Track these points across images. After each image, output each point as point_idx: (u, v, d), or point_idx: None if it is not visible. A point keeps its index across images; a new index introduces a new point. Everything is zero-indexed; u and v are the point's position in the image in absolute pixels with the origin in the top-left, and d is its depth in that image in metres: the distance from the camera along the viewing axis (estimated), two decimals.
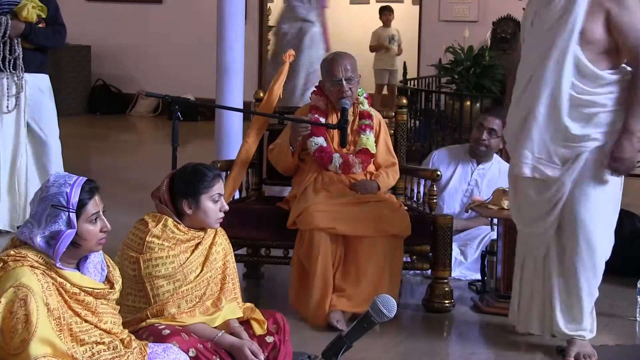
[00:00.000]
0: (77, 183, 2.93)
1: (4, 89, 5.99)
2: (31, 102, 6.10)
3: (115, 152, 10.48)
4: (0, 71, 5.93)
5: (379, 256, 4.67)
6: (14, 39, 5.90)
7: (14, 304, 2.78)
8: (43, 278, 2.84)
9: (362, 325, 2.83)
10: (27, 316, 2.77)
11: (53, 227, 2.87)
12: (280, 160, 5.01)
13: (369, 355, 4.29)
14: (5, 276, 2.82)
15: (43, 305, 2.80)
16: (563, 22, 4.02)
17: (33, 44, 6.01)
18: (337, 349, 2.79)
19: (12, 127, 6.08)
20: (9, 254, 2.87)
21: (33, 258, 2.86)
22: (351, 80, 4.92)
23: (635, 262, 5.60)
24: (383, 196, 4.87)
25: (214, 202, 3.58)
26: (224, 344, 3.48)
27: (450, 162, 5.92)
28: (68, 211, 2.88)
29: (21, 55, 5.94)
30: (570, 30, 4.00)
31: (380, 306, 2.81)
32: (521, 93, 4.18)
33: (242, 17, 6.77)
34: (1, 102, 6.00)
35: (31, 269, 2.83)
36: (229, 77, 6.57)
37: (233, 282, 3.65)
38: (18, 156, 6.12)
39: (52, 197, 2.89)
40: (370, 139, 4.98)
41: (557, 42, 4.02)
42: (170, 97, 4.73)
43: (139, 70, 13.10)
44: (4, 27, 5.85)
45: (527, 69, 4.16)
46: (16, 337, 2.77)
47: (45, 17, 6.02)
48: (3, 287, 2.80)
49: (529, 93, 4.12)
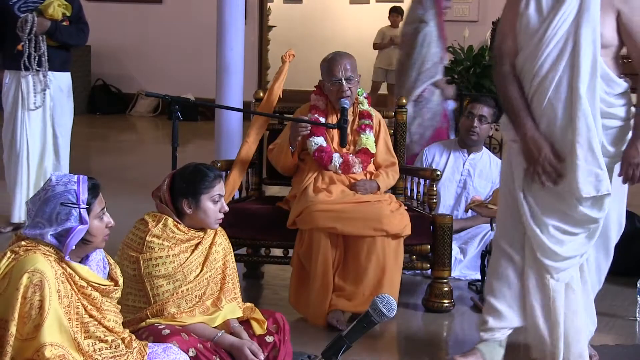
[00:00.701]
0: (82, 180, 2.95)
1: (29, 86, 6.05)
2: (52, 100, 6.16)
3: (115, 152, 10.49)
4: (26, 69, 5.98)
5: (379, 256, 4.67)
6: (39, 36, 5.95)
7: (28, 290, 2.79)
8: (56, 265, 2.87)
9: (362, 325, 2.82)
10: (41, 302, 2.79)
11: (65, 225, 2.89)
12: (279, 160, 5.01)
13: (369, 355, 4.29)
14: (19, 263, 2.84)
15: (55, 291, 2.82)
16: (583, 20, 3.72)
17: (57, 42, 6.07)
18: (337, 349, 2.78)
19: (39, 124, 6.15)
20: (20, 245, 2.89)
21: (45, 247, 2.89)
22: (351, 79, 4.92)
23: (635, 262, 5.60)
24: (383, 196, 4.87)
25: (214, 202, 3.59)
26: (224, 344, 3.48)
27: (442, 153, 6.00)
28: (79, 208, 2.90)
29: (46, 53, 6.00)
30: (593, 30, 3.72)
31: (380, 306, 2.80)
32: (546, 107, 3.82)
33: (242, 17, 6.78)
34: (28, 99, 6.06)
35: (44, 256, 2.86)
36: (229, 77, 6.57)
37: (233, 282, 3.65)
38: (45, 154, 6.19)
39: (60, 196, 2.91)
40: (370, 138, 4.98)
41: (583, 47, 3.70)
42: (170, 97, 4.73)
43: (139, 70, 13.11)
44: (30, 24, 5.90)
45: (542, 70, 3.79)
46: (29, 322, 2.79)
47: (70, 16, 6.07)
48: (17, 273, 2.82)
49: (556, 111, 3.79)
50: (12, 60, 6.02)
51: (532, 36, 3.80)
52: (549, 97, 3.77)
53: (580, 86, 3.71)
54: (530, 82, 3.83)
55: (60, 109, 6.21)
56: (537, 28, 3.79)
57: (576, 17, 3.71)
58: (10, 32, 5.96)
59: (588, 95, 3.72)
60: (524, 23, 3.83)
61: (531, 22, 3.81)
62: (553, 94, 3.77)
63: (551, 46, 3.74)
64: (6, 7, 5.97)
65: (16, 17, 5.92)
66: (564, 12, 3.72)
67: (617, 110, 3.82)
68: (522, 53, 3.86)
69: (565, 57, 3.73)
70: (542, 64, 3.77)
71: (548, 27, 3.75)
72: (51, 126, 6.17)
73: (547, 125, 3.82)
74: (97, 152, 10.64)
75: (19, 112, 6.07)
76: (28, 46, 5.94)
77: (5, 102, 6.11)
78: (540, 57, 3.76)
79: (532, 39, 3.81)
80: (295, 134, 4.89)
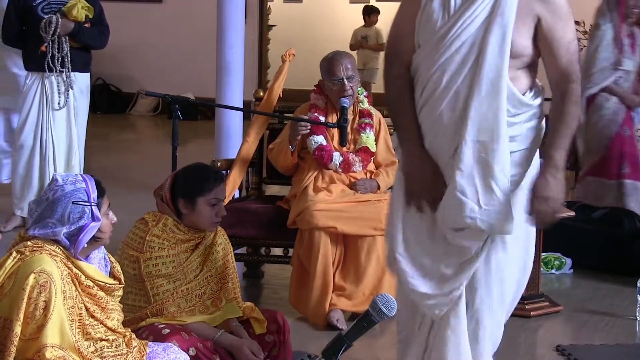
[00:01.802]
0: (89, 179, 2.97)
1: (53, 87, 6.08)
2: (75, 100, 6.20)
3: (115, 151, 10.48)
4: (50, 69, 6.01)
5: (379, 255, 4.67)
6: (62, 37, 5.98)
7: (33, 290, 2.79)
8: (62, 266, 2.87)
9: (362, 324, 2.82)
10: (46, 303, 2.79)
11: (80, 223, 2.89)
12: (279, 160, 5.01)
13: (368, 354, 4.29)
14: (25, 264, 2.84)
15: (61, 292, 2.82)
16: (493, 25, 3.03)
17: (79, 43, 6.12)
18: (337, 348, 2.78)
19: (63, 124, 6.17)
20: (25, 245, 2.89)
21: (50, 247, 2.89)
22: (352, 78, 4.92)
23: (635, 262, 5.60)
24: (383, 195, 4.87)
25: (211, 205, 3.57)
26: (224, 343, 3.48)
27: None
28: (91, 205, 2.91)
29: (69, 54, 6.03)
30: (503, 38, 3.03)
31: (380, 305, 2.80)
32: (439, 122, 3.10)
33: (242, 16, 6.77)
34: (52, 99, 6.09)
35: (50, 257, 2.86)
36: (229, 77, 6.56)
37: (233, 281, 3.65)
38: (72, 154, 6.22)
39: (72, 195, 2.91)
40: (370, 137, 4.98)
41: (488, 57, 3.01)
42: (170, 96, 4.73)
43: (139, 70, 13.11)
44: (55, 25, 5.93)
45: (443, 85, 3.08)
46: (33, 323, 2.79)
47: (92, 18, 6.11)
48: (24, 274, 2.81)
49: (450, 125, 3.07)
50: (35, 61, 6.06)
51: (433, 34, 3.08)
52: (441, 111, 3.07)
53: (478, 106, 3.02)
54: (422, 88, 3.12)
55: (80, 109, 6.27)
56: (440, 25, 3.07)
57: (487, 19, 3.03)
58: (33, 33, 6.01)
59: (488, 110, 3.03)
60: (424, 17, 3.11)
61: (434, 16, 3.08)
62: (446, 108, 3.07)
63: (453, 49, 3.04)
64: (29, 8, 6.01)
65: (39, 18, 5.96)
66: (473, 12, 3.03)
67: (523, 133, 3.10)
68: (418, 51, 3.14)
69: (467, 66, 3.04)
70: (439, 67, 3.06)
71: (453, 25, 3.05)
72: (75, 125, 6.21)
73: (431, 144, 3.12)
74: (97, 151, 10.61)
75: (43, 112, 6.12)
76: (51, 47, 5.98)
77: (25, 102, 6.14)
78: (439, 60, 3.06)
79: (432, 36, 3.09)
80: (295, 133, 4.89)
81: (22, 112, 6.18)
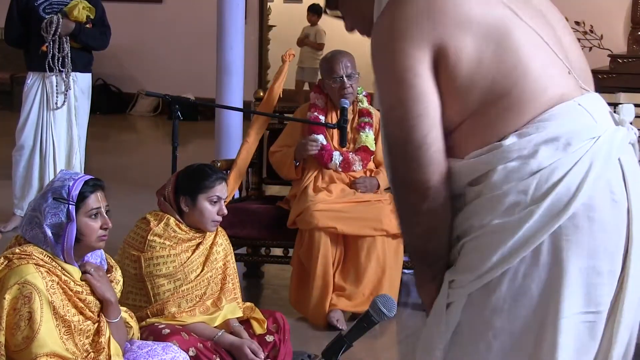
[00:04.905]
0: (81, 178, 2.95)
1: (53, 87, 6.09)
2: (76, 101, 6.22)
3: (115, 151, 10.48)
4: (50, 69, 6.03)
5: (379, 256, 4.67)
6: (63, 37, 6.00)
7: (18, 301, 2.78)
8: (48, 276, 2.85)
9: (362, 324, 2.82)
10: (30, 314, 2.78)
11: (54, 220, 2.88)
12: (282, 170, 5.02)
13: (368, 355, 4.29)
14: (10, 273, 2.83)
15: (47, 303, 2.80)
16: None
17: (80, 44, 6.13)
18: (337, 349, 2.77)
19: (64, 124, 6.19)
20: (13, 252, 2.88)
21: (38, 256, 2.87)
22: (352, 77, 4.92)
23: None
24: (383, 195, 4.87)
25: (212, 203, 3.58)
26: (224, 343, 3.48)
27: None
28: (68, 203, 2.89)
29: (69, 54, 6.05)
30: None
31: (380, 306, 2.79)
32: None
33: (242, 16, 6.77)
34: (51, 99, 6.11)
35: (36, 267, 2.84)
36: (229, 77, 6.56)
37: (233, 282, 3.65)
38: (73, 154, 6.23)
39: (55, 190, 2.91)
40: (369, 136, 4.99)
41: None
42: (170, 96, 4.73)
43: (139, 70, 13.10)
44: (56, 25, 5.94)
45: None
46: (18, 334, 2.78)
47: (93, 18, 6.12)
48: (8, 283, 2.81)
49: None
50: (36, 61, 6.07)
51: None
52: None
53: None
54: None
55: (81, 109, 6.28)
56: None
57: None
58: (34, 33, 6.02)
59: None
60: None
61: None
62: None
63: None
64: (31, 8, 6.02)
65: (40, 18, 5.97)
66: None
67: None
68: None
69: None
70: None
71: None
72: (76, 126, 6.22)
73: None
74: (97, 151, 10.60)
75: (43, 113, 6.13)
76: (52, 47, 6.00)
77: (26, 102, 6.15)
78: None
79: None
80: (303, 152, 4.88)
81: (23, 112, 6.19)
